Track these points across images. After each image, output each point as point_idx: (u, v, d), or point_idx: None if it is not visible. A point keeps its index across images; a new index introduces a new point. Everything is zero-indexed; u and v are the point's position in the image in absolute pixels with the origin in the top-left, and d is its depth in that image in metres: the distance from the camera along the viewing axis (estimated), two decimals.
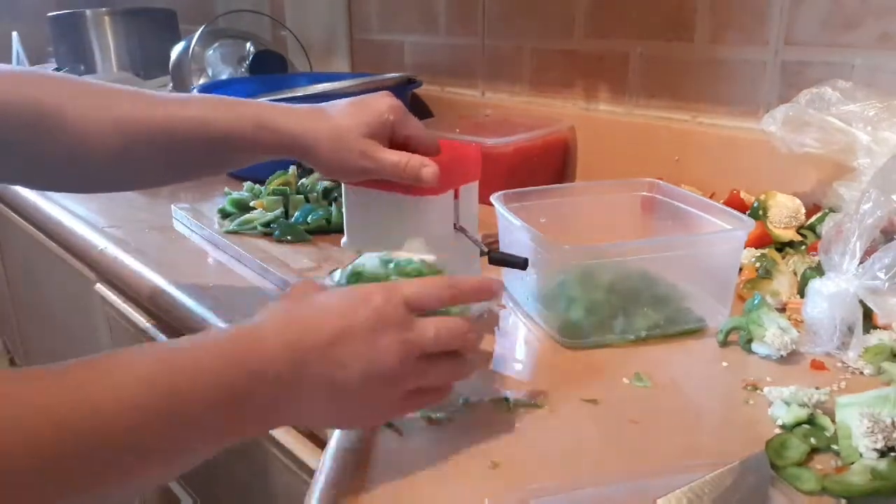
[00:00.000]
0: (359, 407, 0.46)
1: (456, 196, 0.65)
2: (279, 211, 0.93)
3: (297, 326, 0.44)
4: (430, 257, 0.63)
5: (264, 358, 0.42)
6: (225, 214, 0.97)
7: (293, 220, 0.92)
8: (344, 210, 0.68)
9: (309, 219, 0.91)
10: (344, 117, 0.61)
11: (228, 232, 0.91)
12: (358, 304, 0.45)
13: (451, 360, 0.48)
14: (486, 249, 0.65)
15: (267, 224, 0.91)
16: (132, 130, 0.61)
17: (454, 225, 0.65)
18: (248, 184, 1.03)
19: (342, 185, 0.67)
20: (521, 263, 0.62)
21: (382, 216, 0.64)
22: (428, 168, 0.60)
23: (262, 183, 1.02)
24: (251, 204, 0.96)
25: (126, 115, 0.61)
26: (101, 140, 0.60)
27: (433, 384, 0.48)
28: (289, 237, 0.89)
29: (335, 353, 0.43)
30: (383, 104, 0.62)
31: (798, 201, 0.80)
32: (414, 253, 0.61)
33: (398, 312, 0.45)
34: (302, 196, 0.96)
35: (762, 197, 0.81)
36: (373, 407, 0.46)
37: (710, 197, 0.81)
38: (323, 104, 0.64)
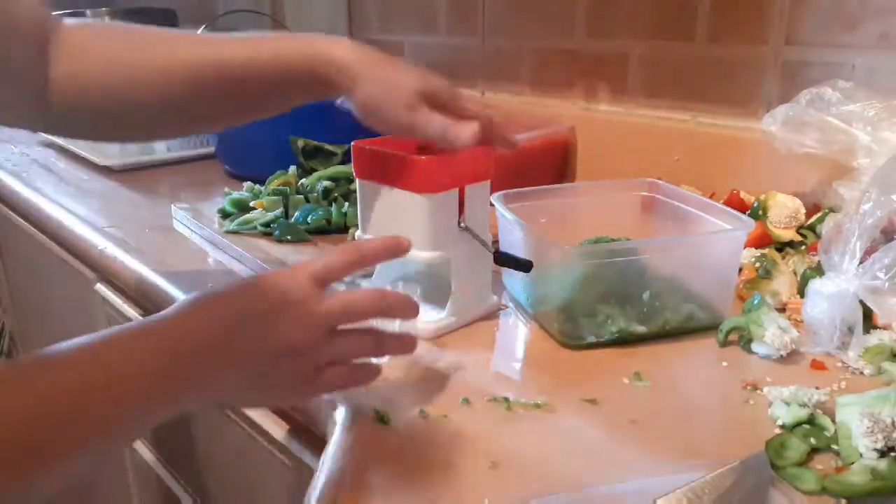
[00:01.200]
0: (273, 384, 0.47)
1: (461, 195, 0.64)
2: (279, 211, 0.93)
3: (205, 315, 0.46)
4: (432, 254, 0.64)
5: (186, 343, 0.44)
6: (225, 214, 0.97)
7: (293, 220, 0.92)
8: (358, 203, 0.68)
9: (309, 219, 0.91)
10: (398, 71, 0.62)
11: (228, 232, 0.91)
12: (265, 288, 0.47)
13: (364, 334, 0.49)
14: (492, 249, 0.65)
15: (267, 224, 0.91)
16: (203, 74, 0.64)
17: (458, 224, 0.65)
18: (248, 184, 1.03)
19: (357, 179, 0.67)
20: (526, 266, 0.63)
21: (391, 210, 0.64)
22: (467, 129, 0.59)
23: (262, 183, 1.03)
24: (251, 204, 0.96)
25: (193, 57, 0.66)
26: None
27: (347, 355, 0.49)
28: (289, 237, 0.88)
29: (237, 339, 0.45)
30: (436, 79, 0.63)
31: (798, 201, 0.80)
32: (415, 250, 0.61)
33: (303, 288, 0.46)
34: (302, 196, 0.96)
35: (762, 197, 0.81)
36: (289, 382, 0.48)
37: (710, 197, 0.81)
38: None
